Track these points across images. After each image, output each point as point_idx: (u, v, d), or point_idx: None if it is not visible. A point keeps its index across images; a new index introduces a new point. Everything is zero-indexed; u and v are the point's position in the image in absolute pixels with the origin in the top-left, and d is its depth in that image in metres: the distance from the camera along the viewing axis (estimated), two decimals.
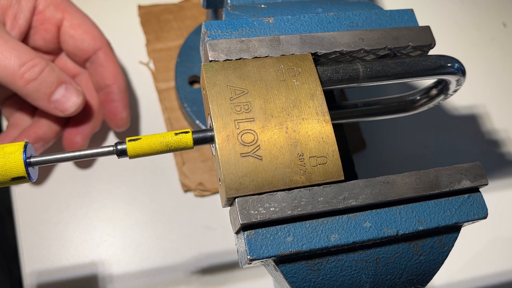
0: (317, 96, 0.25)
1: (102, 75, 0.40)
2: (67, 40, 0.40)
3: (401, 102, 0.35)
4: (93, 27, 0.40)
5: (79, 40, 0.39)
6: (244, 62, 0.26)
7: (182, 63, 0.47)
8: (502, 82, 0.55)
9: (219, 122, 0.24)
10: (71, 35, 0.39)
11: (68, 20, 0.39)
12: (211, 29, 0.27)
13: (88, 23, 0.40)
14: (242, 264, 0.24)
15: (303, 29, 0.28)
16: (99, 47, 0.40)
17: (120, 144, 0.24)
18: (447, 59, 0.29)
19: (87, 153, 0.24)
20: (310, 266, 0.24)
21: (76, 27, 0.39)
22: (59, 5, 0.39)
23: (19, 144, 0.24)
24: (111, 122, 0.41)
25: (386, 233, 0.24)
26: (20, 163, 0.23)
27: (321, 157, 0.24)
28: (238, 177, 0.23)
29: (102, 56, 0.40)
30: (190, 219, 0.43)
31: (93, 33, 0.40)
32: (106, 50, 0.40)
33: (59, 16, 0.39)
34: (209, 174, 0.44)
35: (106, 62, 0.40)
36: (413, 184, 0.25)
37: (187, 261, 0.41)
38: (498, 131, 0.52)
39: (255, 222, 0.23)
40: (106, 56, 0.40)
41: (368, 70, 0.28)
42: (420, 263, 0.26)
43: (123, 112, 0.41)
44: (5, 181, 0.23)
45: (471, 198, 0.26)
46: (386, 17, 0.30)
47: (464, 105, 0.53)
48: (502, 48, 0.58)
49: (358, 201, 0.24)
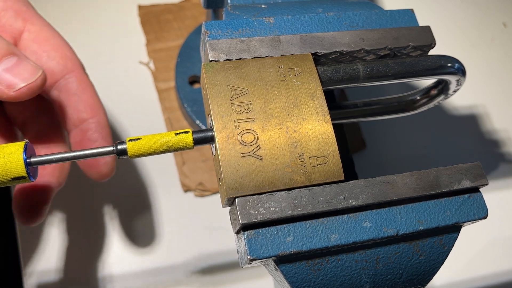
0: (317, 96, 0.25)
1: (75, 107, 0.30)
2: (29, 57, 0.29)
3: (401, 102, 0.35)
4: (64, 45, 0.31)
5: (44, 57, 0.30)
6: (244, 62, 0.26)
7: (182, 63, 0.47)
8: (502, 82, 0.55)
9: (219, 122, 0.24)
10: (34, 50, 0.30)
11: (31, 32, 0.30)
12: (212, 29, 0.27)
13: (58, 39, 0.31)
14: (242, 264, 0.24)
15: (303, 29, 0.28)
16: (71, 70, 0.30)
17: (120, 144, 0.24)
18: (447, 59, 0.29)
19: (88, 153, 0.24)
20: (310, 266, 0.24)
21: (42, 42, 0.30)
22: (20, 12, 0.30)
23: (19, 144, 0.24)
24: (91, 170, 0.31)
25: (386, 233, 0.24)
26: (20, 163, 0.23)
27: (321, 157, 0.24)
28: (238, 177, 0.23)
29: (74, 81, 0.30)
30: (190, 219, 0.43)
31: (63, 51, 0.30)
32: (80, 74, 0.31)
33: (19, 26, 0.30)
34: (209, 174, 0.44)
35: (80, 90, 0.30)
36: (413, 184, 0.25)
37: (187, 261, 0.41)
38: (498, 131, 0.52)
39: (255, 222, 0.23)
40: (80, 81, 0.30)
41: (368, 70, 0.28)
42: (420, 263, 0.26)
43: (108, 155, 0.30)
44: (5, 181, 0.23)
45: (471, 198, 0.26)
46: (386, 17, 0.30)
47: (464, 105, 0.53)
48: (502, 48, 0.58)
49: (358, 201, 0.24)
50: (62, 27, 0.32)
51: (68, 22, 0.49)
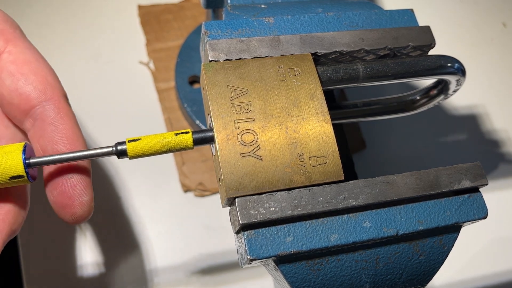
0: (317, 96, 0.25)
1: (50, 138, 0.27)
2: (4, 79, 0.27)
3: (401, 102, 0.35)
4: (46, 69, 0.28)
5: (20, 80, 0.27)
6: (244, 62, 0.26)
7: (182, 63, 0.47)
8: (502, 82, 0.55)
9: (219, 122, 0.24)
10: (11, 72, 0.27)
11: (10, 54, 0.27)
12: (211, 29, 0.27)
13: (40, 63, 0.28)
14: (242, 264, 0.24)
15: (303, 29, 0.28)
16: (50, 97, 0.27)
17: (120, 145, 0.24)
18: (447, 59, 0.29)
19: (87, 154, 0.24)
20: (310, 266, 0.24)
21: (21, 64, 0.27)
22: (4, 33, 0.28)
23: (19, 144, 0.24)
24: (64, 211, 0.26)
25: (386, 233, 0.24)
26: (19, 162, 0.23)
27: (321, 157, 0.24)
28: (238, 177, 0.23)
29: (52, 109, 0.27)
30: (190, 219, 0.43)
31: (44, 76, 0.27)
32: (59, 101, 0.27)
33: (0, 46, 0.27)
34: (209, 174, 0.44)
35: (58, 119, 0.27)
36: (413, 184, 0.25)
37: (187, 261, 0.41)
38: (498, 131, 0.52)
39: (255, 222, 0.23)
40: (59, 110, 0.27)
41: (368, 70, 0.28)
42: (420, 263, 0.26)
43: (84, 195, 0.26)
44: (3, 180, 0.23)
45: (471, 198, 0.26)
46: (386, 17, 0.30)
47: (464, 105, 0.53)
48: (502, 48, 0.58)
49: (358, 201, 0.24)
50: (62, 27, 0.32)
51: (68, 23, 0.49)
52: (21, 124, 0.28)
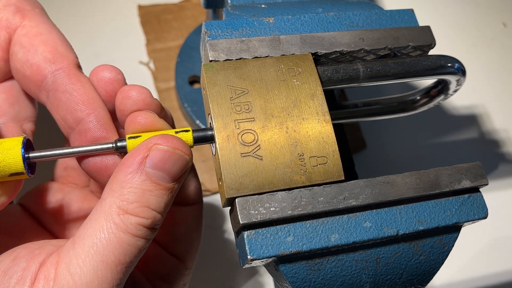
0: (317, 96, 0.25)
1: (68, 108, 0.26)
2: (17, 52, 0.27)
3: (401, 102, 0.35)
4: (58, 39, 0.27)
5: (30, 51, 0.26)
6: (245, 62, 0.26)
7: (182, 63, 0.47)
8: (502, 82, 0.55)
9: (219, 122, 0.24)
10: (22, 44, 0.27)
11: (24, 28, 0.27)
12: (212, 29, 0.27)
13: (52, 34, 0.27)
14: (242, 264, 0.24)
15: (303, 29, 0.28)
16: (59, 67, 0.26)
17: (120, 141, 0.24)
18: (447, 59, 0.29)
19: (87, 150, 0.24)
20: (310, 266, 0.24)
21: (33, 36, 0.27)
22: (21, 9, 0.28)
23: (18, 139, 0.24)
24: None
25: (386, 233, 0.24)
26: (19, 158, 0.23)
27: (321, 157, 0.24)
28: (238, 177, 0.23)
29: (63, 77, 0.26)
30: None
31: (53, 46, 0.27)
32: (70, 69, 0.27)
33: (16, 21, 0.27)
34: (209, 174, 0.44)
35: (70, 86, 0.26)
36: (413, 184, 0.25)
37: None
38: (498, 131, 0.52)
39: (255, 222, 0.23)
40: (70, 77, 0.26)
41: (368, 70, 0.28)
42: (420, 263, 0.26)
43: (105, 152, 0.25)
44: (3, 176, 0.23)
45: (471, 198, 0.26)
46: (386, 17, 0.30)
47: (464, 105, 0.53)
48: (502, 48, 0.58)
49: (358, 201, 0.24)
50: (61, 27, 0.31)
51: (68, 22, 0.49)
52: (38, 97, 0.27)
